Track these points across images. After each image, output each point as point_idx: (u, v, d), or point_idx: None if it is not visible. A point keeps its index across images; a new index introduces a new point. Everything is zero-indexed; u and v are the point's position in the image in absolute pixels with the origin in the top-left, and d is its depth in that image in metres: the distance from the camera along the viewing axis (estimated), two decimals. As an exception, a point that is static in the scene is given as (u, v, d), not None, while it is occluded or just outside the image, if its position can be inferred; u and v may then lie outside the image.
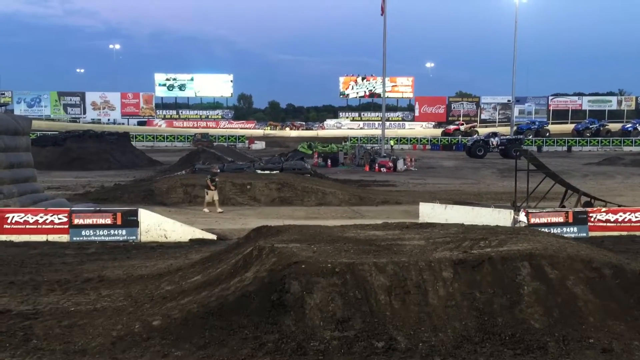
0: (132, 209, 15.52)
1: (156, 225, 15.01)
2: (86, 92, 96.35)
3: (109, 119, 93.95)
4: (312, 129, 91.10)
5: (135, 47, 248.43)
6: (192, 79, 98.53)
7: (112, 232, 14.87)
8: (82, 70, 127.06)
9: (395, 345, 7.07)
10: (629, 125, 75.37)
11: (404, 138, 71.20)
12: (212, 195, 20.10)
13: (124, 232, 14.89)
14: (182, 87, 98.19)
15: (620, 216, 16.17)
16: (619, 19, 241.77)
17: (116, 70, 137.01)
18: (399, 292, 7.69)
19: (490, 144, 51.46)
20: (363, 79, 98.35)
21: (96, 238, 14.78)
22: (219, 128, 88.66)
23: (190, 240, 14.82)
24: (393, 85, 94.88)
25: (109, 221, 14.89)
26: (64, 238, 14.72)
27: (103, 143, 44.69)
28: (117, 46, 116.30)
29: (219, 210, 19.87)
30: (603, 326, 7.51)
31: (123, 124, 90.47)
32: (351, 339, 7.14)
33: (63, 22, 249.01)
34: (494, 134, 55.00)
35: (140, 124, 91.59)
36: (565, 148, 65.01)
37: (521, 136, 60.66)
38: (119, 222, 14.88)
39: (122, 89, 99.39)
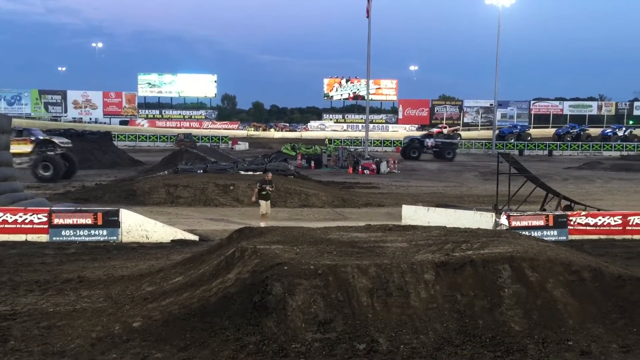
0: (113, 209, 15.38)
1: (137, 226, 14.89)
2: (68, 91, 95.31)
3: (90, 118, 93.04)
4: (295, 131, 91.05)
5: (118, 46, 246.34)
6: (175, 79, 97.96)
7: (92, 232, 14.73)
8: (64, 69, 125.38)
9: (377, 347, 7.08)
10: (609, 130, 76.39)
11: (388, 140, 71.41)
12: (265, 206, 17.04)
13: (104, 232, 14.76)
14: (165, 87, 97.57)
15: (600, 220, 16.38)
16: (599, 27, 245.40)
17: (98, 69, 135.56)
18: (381, 294, 7.72)
19: (425, 144, 52.01)
20: (347, 81, 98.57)
21: (76, 238, 14.63)
22: (202, 128, 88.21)
23: (172, 241, 14.73)
24: (377, 88, 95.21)
25: (89, 221, 14.75)
26: (44, 238, 14.55)
27: (84, 142, 44.14)
28: (100, 45, 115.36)
29: (262, 224, 15.89)
30: (582, 329, 7.60)
31: (105, 123, 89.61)
32: (333, 340, 7.14)
33: (44, 19, 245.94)
34: (429, 136, 55.72)
35: (122, 123, 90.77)
36: (546, 152, 65.65)
37: (455, 140, 61.08)
38: (99, 222, 14.75)
39: (104, 87, 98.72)
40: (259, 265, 8.06)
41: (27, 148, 30.13)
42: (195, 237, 15.07)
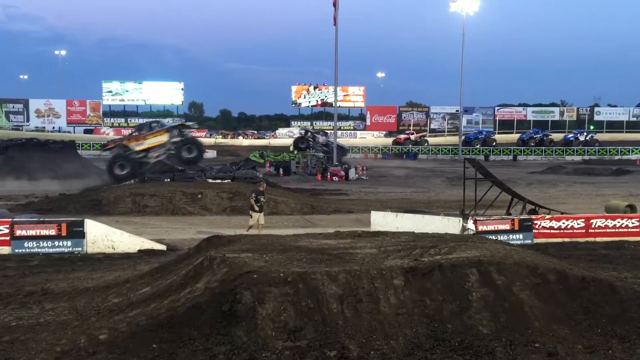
0: (77, 219, 15.09)
1: (103, 236, 14.63)
2: (30, 99, 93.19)
3: (53, 127, 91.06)
4: (264, 138, 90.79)
5: (82, 54, 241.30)
6: (141, 87, 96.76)
7: (56, 243, 14.42)
8: (26, 77, 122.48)
9: (348, 354, 7.09)
10: (571, 135, 78.13)
11: (356, 147, 71.78)
12: (257, 218, 16.38)
13: (69, 243, 14.46)
14: (131, 95, 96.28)
15: (563, 223, 16.73)
16: (561, 35, 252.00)
17: (62, 77, 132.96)
18: (351, 300, 7.73)
19: (317, 140, 54.39)
20: (315, 88, 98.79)
21: (40, 250, 14.30)
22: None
23: (139, 251, 14.51)
24: (345, 95, 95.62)
25: (53, 232, 14.44)
26: (5, 250, 14.19)
27: (48, 152, 43.30)
28: (63, 52, 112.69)
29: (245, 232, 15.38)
30: (548, 330, 7.73)
31: (69, 132, 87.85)
32: (303, 348, 7.12)
33: (5, 27, 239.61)
34: (325, 133, 57.87)
35: (87, 132, 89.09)
36: (511, 157, 66.82)
37: (346, 146, 63.08)
38: (63, 233, 14.45)
39: (68, 96, 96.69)
40: (228, 274, 7.99)
41: (164, 138, 30.56)
42: (163, 247, 14.89)
